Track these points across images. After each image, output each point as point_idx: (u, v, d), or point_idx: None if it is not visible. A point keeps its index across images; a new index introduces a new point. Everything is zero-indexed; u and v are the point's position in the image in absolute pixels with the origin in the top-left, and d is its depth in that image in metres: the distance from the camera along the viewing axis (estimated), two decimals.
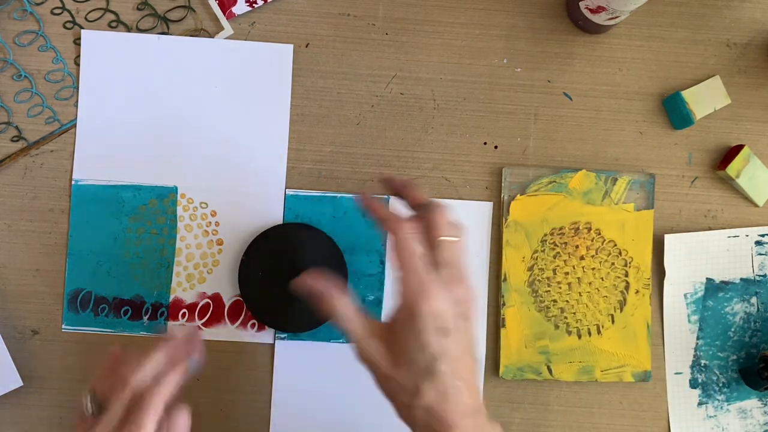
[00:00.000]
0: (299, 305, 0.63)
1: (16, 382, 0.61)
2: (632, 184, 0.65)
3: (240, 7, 0.64)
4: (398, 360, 0.47)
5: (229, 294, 0.63)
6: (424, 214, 0.50)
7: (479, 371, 0.49)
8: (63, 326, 0.62)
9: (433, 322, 0.46)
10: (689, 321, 0.65)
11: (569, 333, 0.64)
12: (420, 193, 0.53)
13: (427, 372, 0.46)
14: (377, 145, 0.65)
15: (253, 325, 0.63)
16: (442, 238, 0.48)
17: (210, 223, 0.63)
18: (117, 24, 0.64)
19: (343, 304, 0.49)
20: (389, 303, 0.64)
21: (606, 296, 0.65)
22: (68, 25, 0.64)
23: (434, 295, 0.46)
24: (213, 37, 0.64)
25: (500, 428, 0.47)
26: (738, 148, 0.65)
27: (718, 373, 0.65)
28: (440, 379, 0.45)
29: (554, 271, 0.65)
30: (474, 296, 0.49)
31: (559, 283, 0.65)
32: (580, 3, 0.62)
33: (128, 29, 0.64)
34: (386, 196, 0.64)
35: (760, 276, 0.66)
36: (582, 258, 0.65)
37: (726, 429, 0.65)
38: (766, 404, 0.66)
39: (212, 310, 0.63)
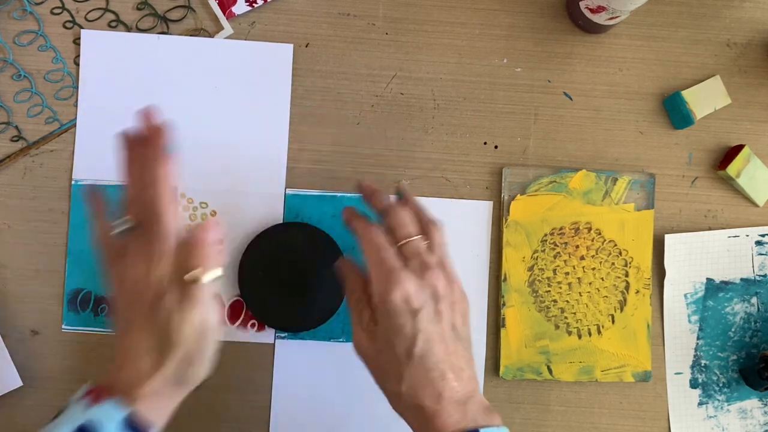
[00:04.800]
0: (299, 304, 0.63)
1: (16, 382, 0.61)
2: (632, 184, 0.65)
3: (240, 7, 0.64)
4: (381, 348, 0.48)
5: (229, 294, 0.63)
6: (385, 218, 0.52)
7: (471, 358, 0.50)
8: (63, 326, 0.62)
9: (406, 305, 0.47)
10: (689, 321, 0.65)
11: (569, 333, 0.64)
12: (383, 199, 0.54)
13: (406, 355, 0.46)
14: (377, 145, 0.65)
15: (253, 325, 0.63)
16: (401, 243, 0.50)
17: None
18: (117, 24, 0.64)
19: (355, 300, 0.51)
20: None
21: (606, 296, 0.65)
22: (68, 24, 0.64)
23: (403, 280, 0.47)
24: (213, 36, 0.64)
25: (500, 420, 0.47)
26: (738, 148, 0.65)
27: (718, 373, 0.65)
28: (420, 361, 0.46)
29: (554, 271, 0.65)
30: (451, 283, 0.50)
31: (559, 283, 0.65)
32: (580, 3, 0.62)
33: (128, 29, 0.64)
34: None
35: (760, 276, 0.66)
36: (582, 258, 0.65)
37: (726, 429, 0.65)
38: (766, 404, 0.65)
39: None
